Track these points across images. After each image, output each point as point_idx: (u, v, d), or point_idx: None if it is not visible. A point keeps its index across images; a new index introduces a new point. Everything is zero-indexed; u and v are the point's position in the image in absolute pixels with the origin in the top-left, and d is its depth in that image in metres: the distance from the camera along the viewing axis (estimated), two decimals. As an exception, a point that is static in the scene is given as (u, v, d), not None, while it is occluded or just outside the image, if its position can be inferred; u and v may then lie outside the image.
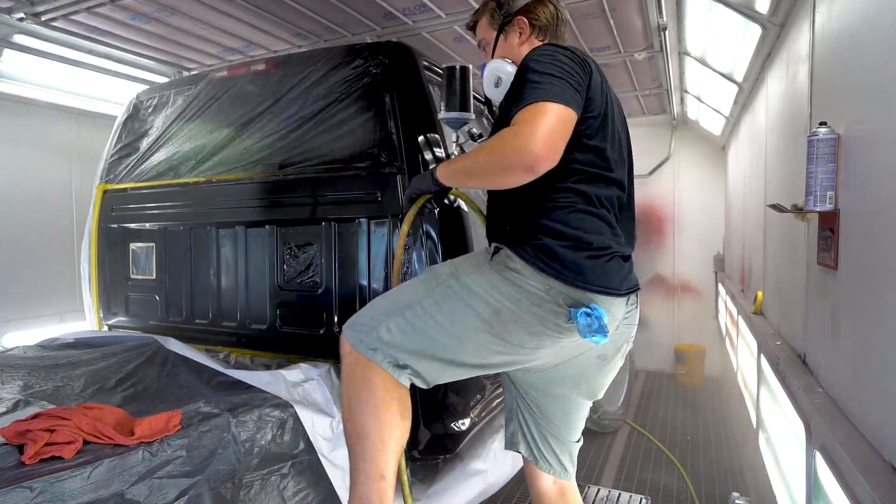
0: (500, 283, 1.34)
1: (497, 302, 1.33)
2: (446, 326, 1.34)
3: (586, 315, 1.29)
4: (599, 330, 1.28)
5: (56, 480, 1.19)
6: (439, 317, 1.35)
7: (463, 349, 1.37)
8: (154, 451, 1.38)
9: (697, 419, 4.95)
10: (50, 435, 1.33)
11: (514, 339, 1.36)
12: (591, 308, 1.30)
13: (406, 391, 1.38)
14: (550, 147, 1.21)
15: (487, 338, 1.35)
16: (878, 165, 1.32)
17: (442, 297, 1.36)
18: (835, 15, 1.71)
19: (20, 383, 1.83)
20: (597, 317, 1.29)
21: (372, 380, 1.34)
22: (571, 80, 1.30)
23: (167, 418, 1.49)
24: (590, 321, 1.29)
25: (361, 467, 1.31)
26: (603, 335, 1.28)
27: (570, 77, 1.30)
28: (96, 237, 2.80)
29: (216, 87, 2.52)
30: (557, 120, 1.23)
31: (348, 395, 1.39)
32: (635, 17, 3.32)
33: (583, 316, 1.29)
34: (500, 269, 1.35)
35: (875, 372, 1.31)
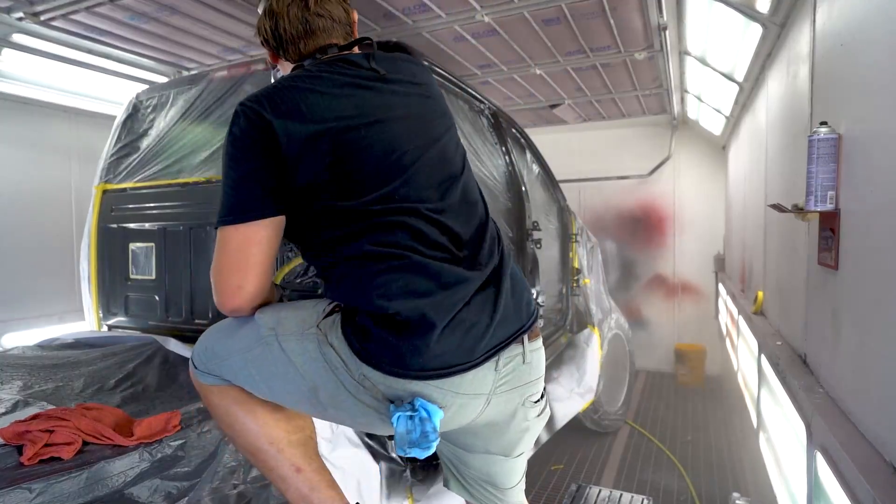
0: (317, 360, 1.10)
1: (313, 380, 1.11)
2: (267, 388, 1.19)
3: (408, 418, 1.01)
4: (421, 441, 1.00)
5: (55, 481, 1.19)
6: (258, 377, 1.18)
7: (291, 406, 1.23)
8: (154, 452, 1.38)
9: (698, 419, 4.95)
10: (49, 436, 1.33)
11: (343, 419, 1.21)
12: (416, 407, 1.02)
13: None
14: (236, 291, 1.11)
15: (312, 409, 1.19)
16: (878, 165, 1.31)
17: (260, 357, 1.15)
18: (835, 14, 1.70)
19: (20, 383, 1.83)
20: (420, 420, 1.01)
21: (222, 401, 1.24)
22: (255, 173, 1.09)
23: (167, 419, 1.48)
24: (410, 427, 1.01)
25: (276, 476, 1.22)
26: (425, 447, 1.00)
27: (252, 167, 1.09)
28: (96, 237, 2.79)
29: (216, 87, 2.52)
30: (241, 248, 1.09)
31: (219, 426, 1.32)
32: (635, 17, 3.32)
33: (402, 421, 1.01)
34: (321, 342, 1.10)
35: (876, 372, 1.30)
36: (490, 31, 3.46)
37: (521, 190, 2.97)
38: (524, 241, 2.91)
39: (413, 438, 1.00)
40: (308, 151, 1.08)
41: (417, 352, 1.03)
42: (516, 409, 1.21)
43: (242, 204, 1.09)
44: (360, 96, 1.14)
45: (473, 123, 2.67)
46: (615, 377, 4.77)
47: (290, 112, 1.09)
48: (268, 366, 1.15)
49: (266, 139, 1.08)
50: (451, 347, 1.04)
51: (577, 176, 6.62)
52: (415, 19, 3.30)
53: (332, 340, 1.09)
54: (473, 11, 3.15)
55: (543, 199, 3.68)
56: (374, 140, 1.12)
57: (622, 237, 6.63)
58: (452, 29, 3.42)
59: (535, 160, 3.69)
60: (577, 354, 3.77)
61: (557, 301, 3.71)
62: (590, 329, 4.16)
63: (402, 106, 1.18)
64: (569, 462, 4.07)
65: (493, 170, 2.71)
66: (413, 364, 1.03)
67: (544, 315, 3.13)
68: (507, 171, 2.92)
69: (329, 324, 1.11)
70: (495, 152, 2.86)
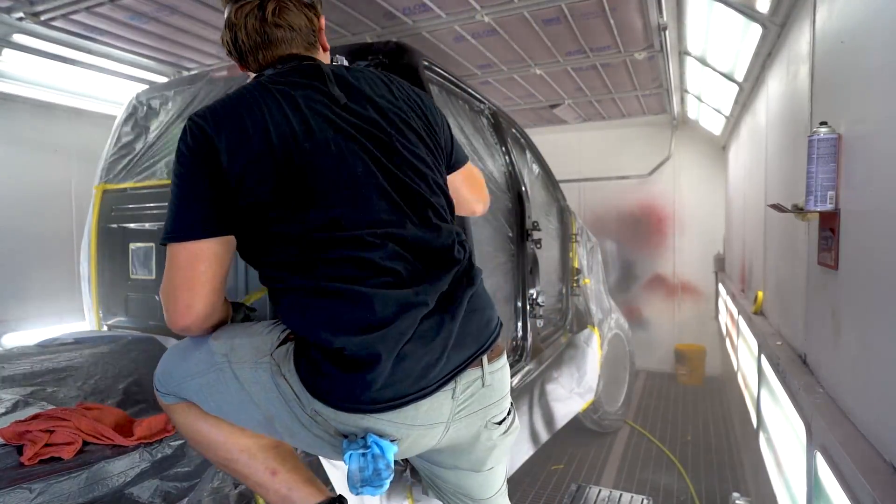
0: (271, 391, 1.07)
1: (268, 410, 1.09)
2: (223, 413, 1.17)
3: (360, 455, 0.99)
4: (374, 478, 0.98)
5: (55, 481, 1.19)
6: (212, 402, 1.17)
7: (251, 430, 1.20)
8: (154, 452, 1.38)
9: (698, 419, 4.95)
10: (49, 436, 1.33)
11: (302, 446, 1.18)
12: (368, 443, 0.99)
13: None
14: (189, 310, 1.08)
15: (271, 435, 1.17)
16: (878, 165, 1.31)
17: (214, 383, 1.14)
18: (835, 14, 1.70)
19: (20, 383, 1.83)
20: (373, 456, 0.98)
21: (187, 419, 1.22)
22: (200, 190, 1.06)
23: (167, 419, 1.48)
24: (362, 465, 0.98)
25: (253, 482, 1.21)
26: (377, 485, 0.98)
27: (197, 184, 1.07)
28: (96, 237, 2.79)
29: (216, 87, 2.52)
30: (188, 265, 1.06)
31: (190, 444, 1.32)
32: (635, 17, 3.32)
33: (354, 458, 0.99)
34: (274, 372, 1.07)
35: (876, 372, 1.31)
36: (490, 31, 3.46)
37: (521, 190, 2.97)
38: (524, 241, 2.91)
39: (365, 476, 0.97)
40: (251, 171, 1.05)
41: (366, 385, 0.99)
42: (479, 432, 1.18)
43: (187, 221, 1.07)
44: (309, 115, 1.09)
45: (473, 123, 2.67)
46: (615, 377, 4.77)
47: (234, 129, 1.06)
48: (222, 392, 1.13)
49: (209, 156, 1.06)
50: (402, 377, 1.01)
51: (577, 176, 6.62)
52: (415, 19, 3.30)
53: (285, 372, 1.05)
54: (473, 11, 3.15)
55: (543, 199, 3.68)
56: (320, 162, 1.06)
57: (622, 237, 6.63)
58: (452, 29, 3.42)
59: (535, 160, 3.69)
60: (577, 354, 3.77)
61: (557, 301, 3.72)
62: (590, 329, 4.16)
63: (357, 126, 1.11)
64: (569, 462, 4.07)
65: (493, 170, 2.71)
66: (363, 398, 1.00)
67: (544, 315, 3.13)
68: (507, 171, 2.92)
69: (282, 354, 1.07)
70: (495, 152, 2.86)
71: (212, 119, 1.08)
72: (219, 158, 1.05)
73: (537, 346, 3.05)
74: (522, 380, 2.75)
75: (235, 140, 1.06)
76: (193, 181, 1.07)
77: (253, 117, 1.07)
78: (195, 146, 1.07)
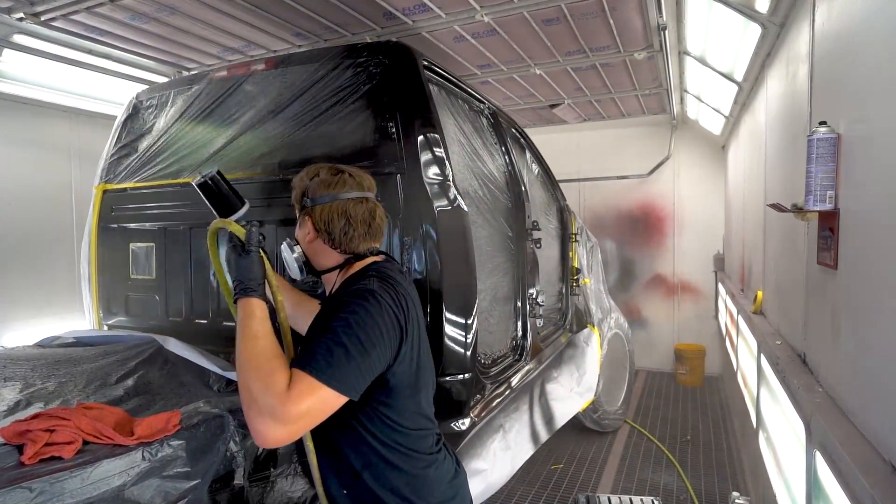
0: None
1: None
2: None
3: None
4: None
5: (56, 481, 1.19)
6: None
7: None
8: (154, 452, 1.38)
9: (697, 419, 4.95)
10: (49, 435, 1.33)
11: None
12: None
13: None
14: (296, 434, 1.15)
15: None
16: (877, 165, 1.32)
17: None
18: (834, 14, 1.71)
19: (20, 383, 1.83)
20: None
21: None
22: (371, 357, 1.21)
23: (167, 418, 1.48)
24: None
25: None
26: None
27: (373, 352, 1.21)
28: (96, 237, 2.79)
29: (216, 87, 2.52)
30: (321, 406, 1.15)
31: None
32: (635, 17, 3.32)
33: None
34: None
35: (875, 371, 1.31)
36: (490, 31, 3.46)
37: (520, 190, 2.97)
38: (524, 241, 2.91)
39: None
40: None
41: None
42: None
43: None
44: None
45: (473, 123, 2.67)
46: (615, 377, 4.78)
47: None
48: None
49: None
50: None
51: (577, 176, 6.63)
52: (415, 19, 3.30)
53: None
54: (473, 11, 3.16)
55: (543, 198, 3.68)
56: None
57: (622, 237, 6.64)
58: (452, 29, 3.42)
59: (535, 160, 3.69)
60: (576, 354, 3.77)
61: (557, 301, 3.72)
62: (589, 328, 4.17)
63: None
64: (569, 461, 4.07)
65: (493, 170, 2.71)
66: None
67: (544, 314, 3.13)
68: (507, 171, 2.92)
69: None
70: (495, 152, 2.86)
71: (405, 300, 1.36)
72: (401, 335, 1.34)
73: (537, 345, 3.05)
74: (522, 379, 2.75)
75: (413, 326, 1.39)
76: (383, 343, 1.29)
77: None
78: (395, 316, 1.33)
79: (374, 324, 1.22)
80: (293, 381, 1.13)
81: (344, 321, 1.20)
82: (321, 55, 2.32)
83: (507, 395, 2.53)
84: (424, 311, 1.93)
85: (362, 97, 2.15)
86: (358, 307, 1.23)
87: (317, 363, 1.15)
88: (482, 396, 2.26)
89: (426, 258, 1.98)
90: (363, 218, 1.42)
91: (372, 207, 1.45)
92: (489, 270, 2.48)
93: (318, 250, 1.45)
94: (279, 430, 1.10)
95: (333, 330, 1.19)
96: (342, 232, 1.41)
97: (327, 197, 1.41)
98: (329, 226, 1.41)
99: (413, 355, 1.33)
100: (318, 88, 2.24)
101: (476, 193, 2.44)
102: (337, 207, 1.41)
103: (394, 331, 1.26)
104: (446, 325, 1.97)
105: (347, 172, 1.46)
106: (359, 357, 1.18)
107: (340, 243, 1.42)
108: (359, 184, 1.45)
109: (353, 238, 1.42)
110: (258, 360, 1.16)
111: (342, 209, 1.41)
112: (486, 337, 2.39)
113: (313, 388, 1.12)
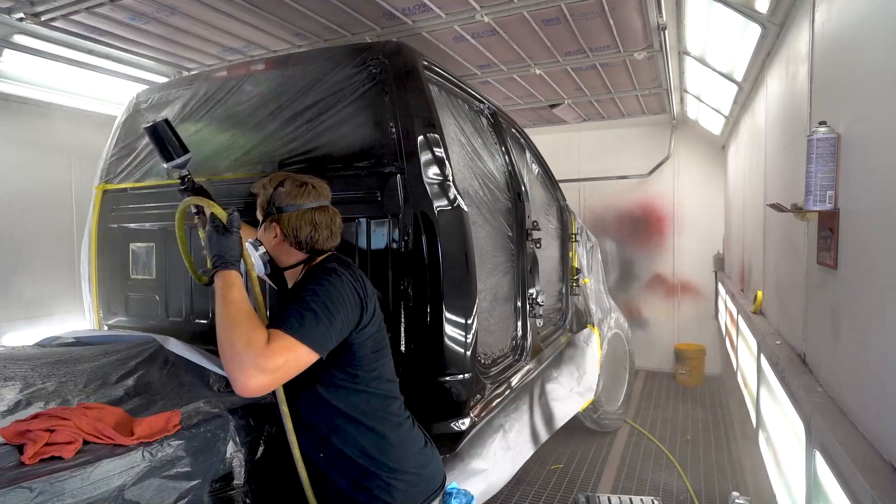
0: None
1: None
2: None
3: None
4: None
5: (56, 480, 1.19)
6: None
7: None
8: (154, 452, 1.38)
9: (697, 419, 4.95)
10: (50, 435, 1.33)
11: None
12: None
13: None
14: (273, 384, 1.33)
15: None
16: (877, 165, 1.32)
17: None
18: (834, 14, 1.71)
19: (20, 383, 1.83)
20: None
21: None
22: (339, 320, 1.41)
23: (167, 418, 1.48)
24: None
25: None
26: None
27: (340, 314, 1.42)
28: (96, 237, 2.79)
29: (216, 87, 2.52)
30: (295, 361, 1.34)
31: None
32: (635, 17, 3.32)
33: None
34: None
35: (875, 371, 1.31)
36: (490, 31, 3.46)
37: (520, 190, 2.97)
38: (524, 241, 2.91)
39: None
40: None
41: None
42: None
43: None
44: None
45: (473, 123, 2.67)
46: (615, 376, 4.78)
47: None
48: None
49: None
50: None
51: (577, 176, 6.63)
52: (415, 19, 3.30)
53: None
54: (473, 11, 3.16)
55: (543, 198, 3.68)
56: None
57: (622, 237, 6.64)
58: (452, 29, 3.42)
59: (535, 160, 3.69)
60: (576, 354, 3.77)
61: (557, 301, 3.72)
62: (589, 328, 4.17)
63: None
64: (569, 461, 4.08)
65: (493, 170, 2.71)
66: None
67: (544, 314, 3.13)
68: (507, 171, 2.92)
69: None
70: (495, 152, 2.86)
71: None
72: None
73: (537, 345, 3.05)
74: (522, 379, 2.75)
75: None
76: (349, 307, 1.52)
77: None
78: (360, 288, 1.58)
79: (337, 293, 1.43)
80: (272, 337, 1.31)
81: (312, 291, 1.41)
82: (321, 55, 2.32)
83: (507, 395, 2.53)
84: (424, 311, 1.97)
85: (362, 97, 2.15)
86: (324, 281, 1.44)
87: (291, 324, 1.34)
88: (482, 396, 2.26)
89: (426, 258, 1.98)
90: (326, 224, 1.62)
91: (332, 214, 1.65)
92: (489, 270, 2.48)
93: (283, 251, 1.62)
94: (260, 377, 1.27)
95: (303, 299, 1.40)
96: (308, 237, 1.59)
97: (293, 207, 1.59)
98: (297, 232, 1.59)
99: (373, 324, 1.53)
100: (318, 88, 2.24)
101: (476, 193, 2.44)
102: (304, 216, 1.59)
103: (354, 301, 1.46)
104: (446, 325, 1.97)
105: (311, 184, 1.64)
106: (326, 320, 1.38)
107: (306, 245, 1.60)
108: (320, 194, 1.64)
109: (318, 241, 1.61)
110: (239, 319, 1.33)
111: (309, 218, 1.59)
112: (486, 337, 2.39)
113: (290, 345, 1.32)
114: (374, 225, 2.09)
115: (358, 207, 2.10)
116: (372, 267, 2.08)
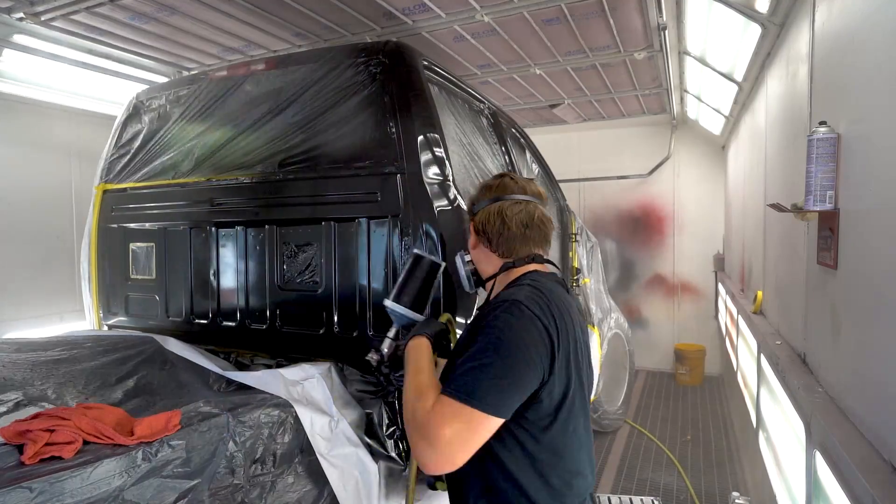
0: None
1: None
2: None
3: None
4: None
5: (56, 480, 1.19)
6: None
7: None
8: (154, 452, 1.38)
9: (697, 419, 4.95)
10: (50, 435, 1.33)
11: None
12: None
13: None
14: (448, 461, 1.09)
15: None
16: (877, 165, 1.32)
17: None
18: (834, 14, 1.71)
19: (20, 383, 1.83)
20: None
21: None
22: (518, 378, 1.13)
23: (167, 418, 1.48)
24: None
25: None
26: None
27: (520, 373, 1.13)
28: (96, 237, 2.79)
29: (216, 87, 2.52)
30: (468, 428, 1.09)
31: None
32: (635, 17, 3.32)
33: None
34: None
35: (875, 371, 1.31)
36: (490, 31, 3.46)
37: (520, 190, 2.97)
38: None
39: None
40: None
41: None
42: None
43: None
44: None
45: (473, 123, 2.67)
46: (615, 377, 4.78)
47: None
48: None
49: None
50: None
51: (577, 176, 6.63)
52: (415, 19, 3.30)
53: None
54: (473, 11, 3.16)
55: (543, 198, 3.67)
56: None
57: (622, 237, 6.64)
58: (452, 29, 3.42)
59: (535, 160, 3.69)
60: (576, 354, 3.76)
61: (557, 301, 3.71)
62: (589, 328, 4.17)
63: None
64: (569, 461, 4.07)
65: (493, 170, 2.71)
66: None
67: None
68: (507, 170, 2.92)
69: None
70: (495, 152, 2.86)
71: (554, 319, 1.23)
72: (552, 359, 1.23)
73: (537, 345, 3.04)
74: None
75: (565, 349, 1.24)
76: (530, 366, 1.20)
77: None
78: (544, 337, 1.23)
79: (518, 338, 1.15)
80: (435, 404, 1.12)
81: (486, 337, 1.16)
82: (321, 55, 2.32)
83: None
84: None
85: (362, 97, 2.15)
86: (502, 321, 1.17)
87: (455, 384, 1.12)
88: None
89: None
90: (520, 219, 1.38)
91: (531, 209, 1.40)
92: (489, 270, 2.48)
93: (481, 257, 1.45)
94: (430, 453, 1.08)
95: (476, 349, 1.15)
96: (498, 233, 1.38)
97: (486, 200, 1.42)
98: (486, 227, 1.40)
99: (564, 375, 1.20)
100: (318, 88, 2.24)
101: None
102: (493, 208, 1.40)
103: (542, 344, 1.17)
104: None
105: (509, 177, 1.46)
106: (501, 374, 1.11)
107: (498, 245, 1.39)
108: (521, 188, 1.42)
109: (510, 239, 1.38)
110: (419, 386, 1.20)
111: (498, 209, 1.39)
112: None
113: (455, 410, 1.09)
114: (374, 225, 2.09)
115: (358, 207, 2.10)
116: (372, 267, 2.08)
